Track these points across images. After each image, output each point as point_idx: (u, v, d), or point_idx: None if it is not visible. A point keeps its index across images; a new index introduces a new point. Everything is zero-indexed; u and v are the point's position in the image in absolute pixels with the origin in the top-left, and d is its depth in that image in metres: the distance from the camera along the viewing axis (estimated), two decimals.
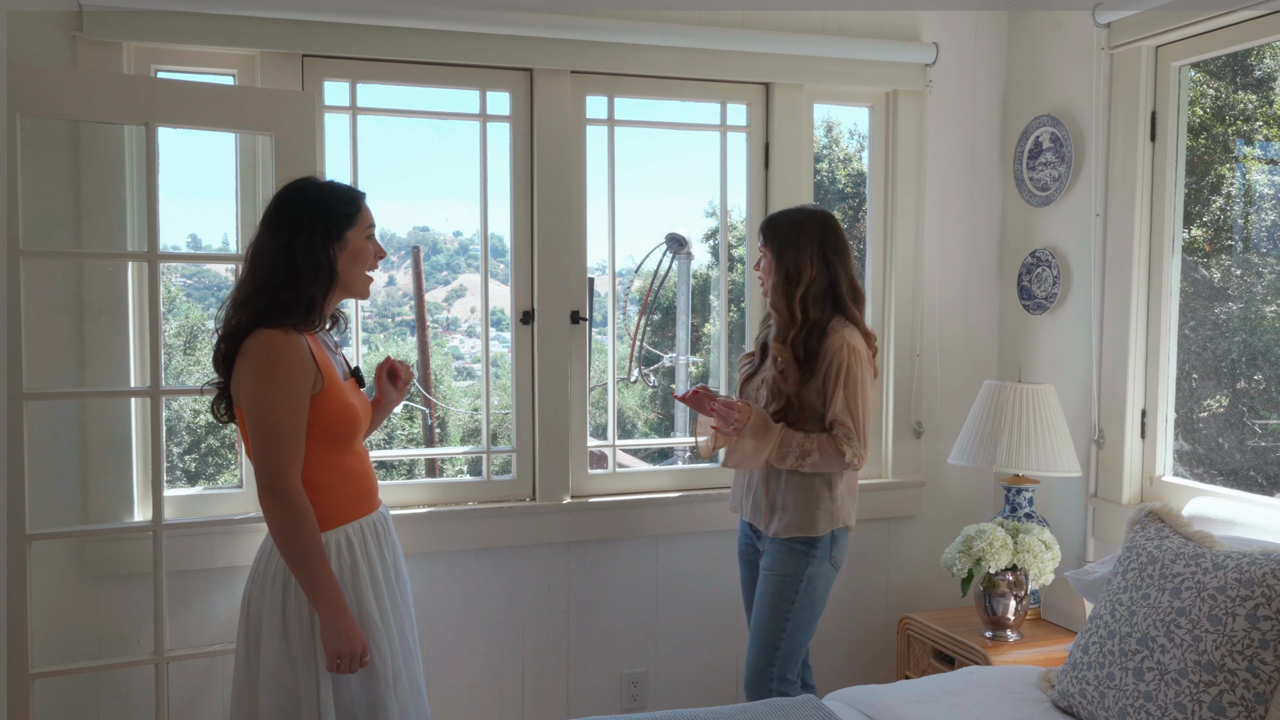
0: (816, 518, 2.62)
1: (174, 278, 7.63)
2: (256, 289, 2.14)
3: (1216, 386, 3.02)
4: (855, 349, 2.58)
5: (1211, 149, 3.03)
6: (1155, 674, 2.04)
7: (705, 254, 6.49)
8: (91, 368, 2.75)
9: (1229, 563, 2.05)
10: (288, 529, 2.08)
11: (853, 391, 2.57)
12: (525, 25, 2.98)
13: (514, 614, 3.16)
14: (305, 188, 2.22)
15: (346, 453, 2.25)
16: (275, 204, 2.21)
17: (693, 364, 5.94)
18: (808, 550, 2.64)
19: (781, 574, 2.66)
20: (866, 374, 2.61)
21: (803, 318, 2.61)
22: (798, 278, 2.61)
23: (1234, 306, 2.96)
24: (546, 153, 3.09)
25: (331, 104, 2.97)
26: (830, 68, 3.29)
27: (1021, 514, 3.10)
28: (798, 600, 2.65)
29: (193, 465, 7.44)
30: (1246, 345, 2.92)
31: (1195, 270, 3.03)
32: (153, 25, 2.71)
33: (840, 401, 2.56)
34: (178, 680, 2.84)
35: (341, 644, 2.10)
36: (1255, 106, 2.97)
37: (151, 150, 2.60)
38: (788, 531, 2.63)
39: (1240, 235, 3.03)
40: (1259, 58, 2.92)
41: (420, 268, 9.43)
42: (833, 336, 2.58)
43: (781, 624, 2.66)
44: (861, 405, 2.58)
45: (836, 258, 2.64)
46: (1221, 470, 2.97)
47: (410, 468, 7.33)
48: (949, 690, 2.34)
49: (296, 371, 2.11)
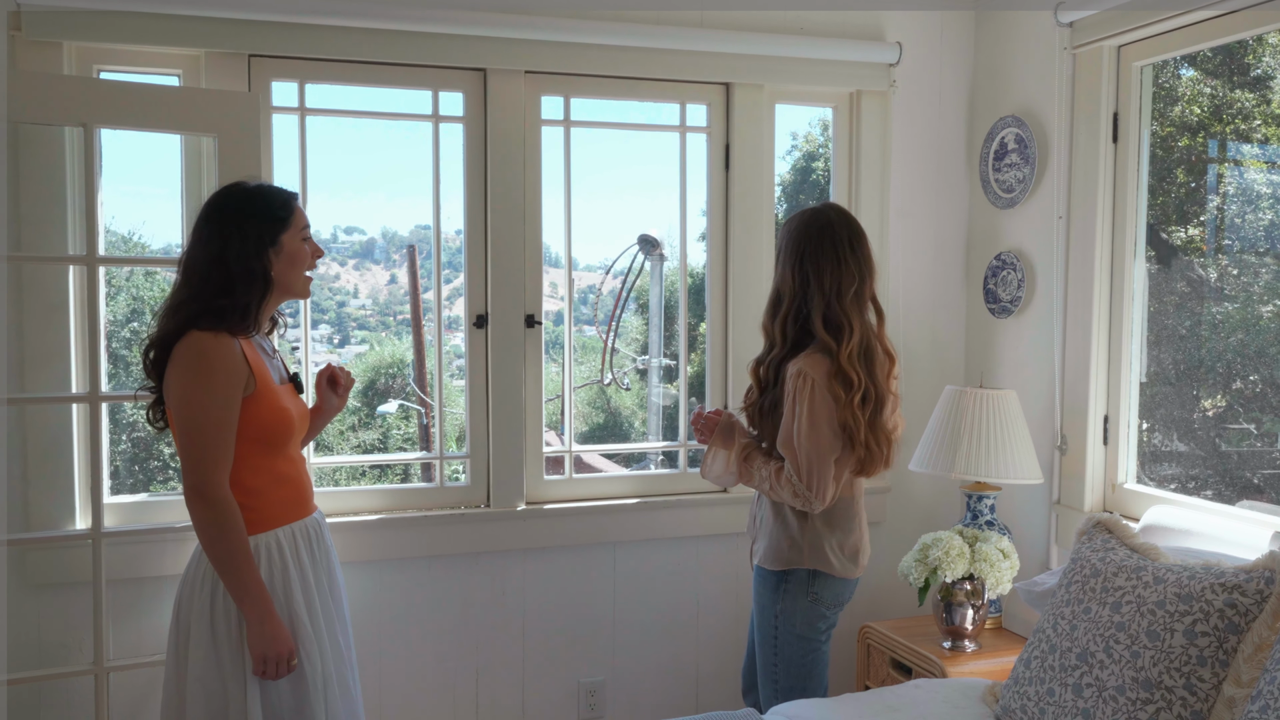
0: (784, 551, 2.42)
1: (174, 276, 7.57)
2: (188, 297, 2.14)
3: (1213, 388, 2.95)
4: (805, 374, 2.30)
5: (1207, 148, 2.97)
6: (1094, 690, 1.99)
7: (678, 258, 6.43)
8: (31, 372, 2.71)
9: (1170, 576, 2.00)
10: (213, 531, 2.08)
11: (799, 425, 2.30)
12: (478, 25, 2.93)
13: (467, 623, 3.12)
14: (234, 194, 2.20)
15: (279, 457, 2.23)
16: (206, 211, 2.19)
17: (664, 365, 5.89)
18: (777, 583, 2.45)
19: (760, 604, 2.52)
20: (819, 404, 2.30)
21: (779, 342, 2.42)
22: (781, 296, 2.43)
23: (1228, 307, 2.90)
24: (500, 154, 3.04)
25: (280, 105, 2.93)
26: (792, 67, 3.24)
27: (982, 521, 3.05)
28: (779, 636, 2.46)
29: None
30: (1240, 345, 2.86)
31: (1191, 270, 2.97)
32: (94, 25, 2.67)
33: (784, 433, 2.34)
34: (120, 691, 2.80)
35: (267, 647, 2.08)
36: (1252, 105, 2.91)
37: (90, 152, 2.56)
38: (759, 559, 2.50)
39: (1233, 235, 2.96)
40: (1256, 56, 2.86)
41: (415, 266, 9.41)
42: (793, 363, 2.35)
43: (773, 659, 2.50)
44: (808, 441, 2.29)
45: (824, 273, 2.35)
46: (1215, 472, 2.90)
47: (405, 471, 7.27)
48: (890, 704, 2.29)
49: (226, 372, 2.09)
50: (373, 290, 10.12)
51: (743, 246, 3.28)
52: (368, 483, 6.82)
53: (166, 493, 3.20)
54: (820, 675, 2.50)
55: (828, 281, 2.36)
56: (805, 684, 2.47)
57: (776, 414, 2.41)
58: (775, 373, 2.42)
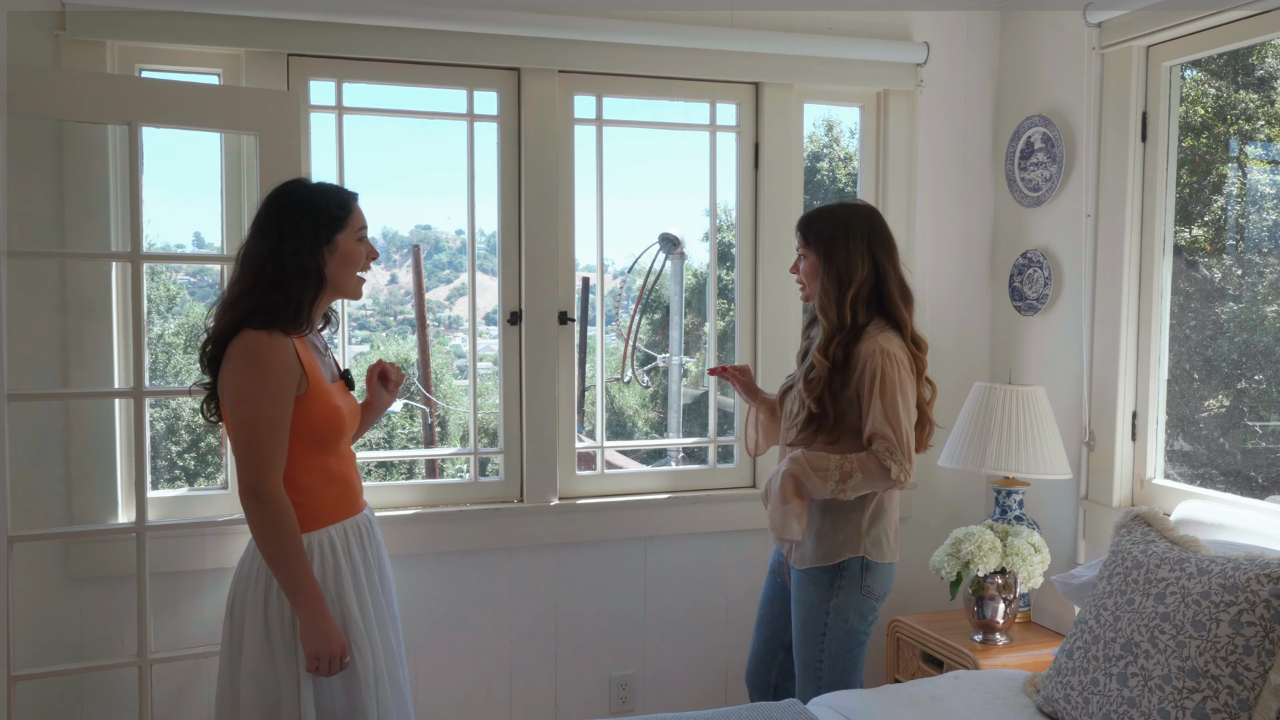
0: (837, 544, 2.44)
1: (176, 275, 7.62)
2: (243, 292, 2.15)
3: (1216, 387, 2.99)
4: (890, 354, 2.36)
5: (1213, 148, 3.01)
6: (1139, 680, 2.02)
7: (705, 254, 6.47)
8: (75, 368, 2.74)
9: (1213, 568, 2.03)
10: (268, 529, 2.09)
11: (891, 400, 2.34)
12: (513, 24, 2.96)
13: (501, 616, 3.15)
14: (294, 190, 2.21)
15: (331, 455, 2.24)
16: (264, 207, 2.20)
17: (687, 363, 5.92)
18: (830, 580, 2.46)
19: (808, 604, 2.50)
20: (906, 381, 2.37)
21: (852, 322, 2.43)
22: (849, 278, 2.43)
23: (1234, 306, 2.93)
24: (534, 152, 3.07)
25: (317, 103, 2.96)
26: (820, 67, 3.27)
27: (1011, 516, 3.08)
28: (828, 633, 2.48)
29: (192, 464, 7.43)
30: (1247, 345, 2.89)
31: (1196, 269, 3.01)
32: (137, 24, 2.70)
33: (879, 412, 2.34)
34: (162, 682, 2.83)
35: (320, 645, 2.09)
36: (1256, 106, 2.95)
37: (134, 150, 2.59)
38: (804, 562, 2.50)
39: (1237, 234, 3.00)
40: (1260, 57, 2.90)
41: (420, 266, 9.43)
42: (866, 342, 2.38)
43: (818, 655, 2.50)
44: (904, 415, 2.35)
45: (886, 256, 2.46)
46: (1221, 471, 2.94)
47: (410, 468, 7.31)
48: (934, 695, 2.32)
49: (280, 373, 2.10)
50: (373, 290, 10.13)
51: (771, 244, 3.31)
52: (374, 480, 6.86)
53: (204, 487, 3.23)
54: (860, 669, 2.53)
55: (895, 263, 2.49)
56: (849, 679, 2.50)
57: (846, 393, 2.42)
58: (845, 352, 2.42)
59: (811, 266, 2.50)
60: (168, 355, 6.74)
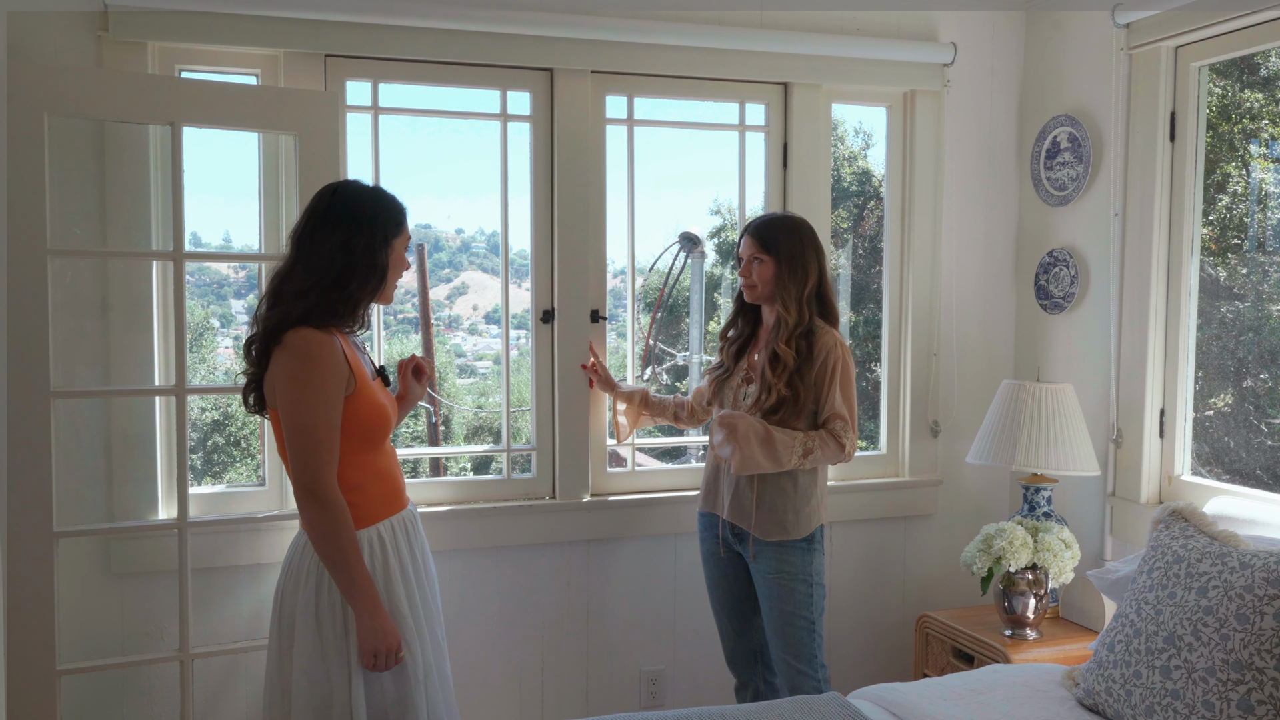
0: (804, 514, 2.71)
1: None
2: (309, 285, 2.13)
3: (1225, 385, 3.02)
4: (845, 347, 2.74)
5: (1218, 147, 3.04)
6: (1183, 672, 2.05)
7: (711, 252, 6.49)
8: (115, 366, 2.76)
9: (1256, 562, 2.06)
10: (326, 530, 2.09)
11: (847, 387, 2.71)
12: (546, 25, 2.99)
13: (533, 612, 3.18)
14: (361, 189, 2.24)
15: (378, 452, 2.27)
16: (331, 200, 2.20)
17: (706, 362, 5.94)
18: (807, 546, 2.73)
19: (790, 574, 2.71)
20: (851, 368, 2.75)
21: (808, 317, 2.73)
22: (805, 280, 2.73)
23: (1240, 305, 2.96)
24: (567, 152, 3.10)
25: (354, 104, 2.98)
26: (848, 68, 3.30)
27: (1040, 513, 3.11)
28: (814, 596, 2.73)
29: (198, 463, 7.44)
30: (1255, 343, 2.92)
31: (1202, 269, 3.04)
32: (177, 25, 2.72)
33: (837, 396, 2.69)
34: (201, 677, 2.86)
35: (378, 641, 2.11)
36: (1262, 105, 2.98)
37: (177, 150, 2.61)
38: (780, 533, 2.70)
39: (1242, 234, 3.03)
40: (1265, 56, 2.92)
41: (425, 266, 9.44)
42: (824, 336, 2.72)
43: (810, 625, 2.73)
44: (854, 399, 2.74)
45: (823, 261, 2.79)
46: (1232, 469, 2.97)
47: (414, 465, 7.32)
48: (973, 688, 2.35)
49: (332, 373, 2.12)
50: None
51: None
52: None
53: (242, 484, 3.25)
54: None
55: (826, 267, 2.83)
56: (821, 644, 2.78)
57: (807, 380, 2.69)
58: (807, 343, 2.70)
59: (769, 270, 2.74)
60: None
